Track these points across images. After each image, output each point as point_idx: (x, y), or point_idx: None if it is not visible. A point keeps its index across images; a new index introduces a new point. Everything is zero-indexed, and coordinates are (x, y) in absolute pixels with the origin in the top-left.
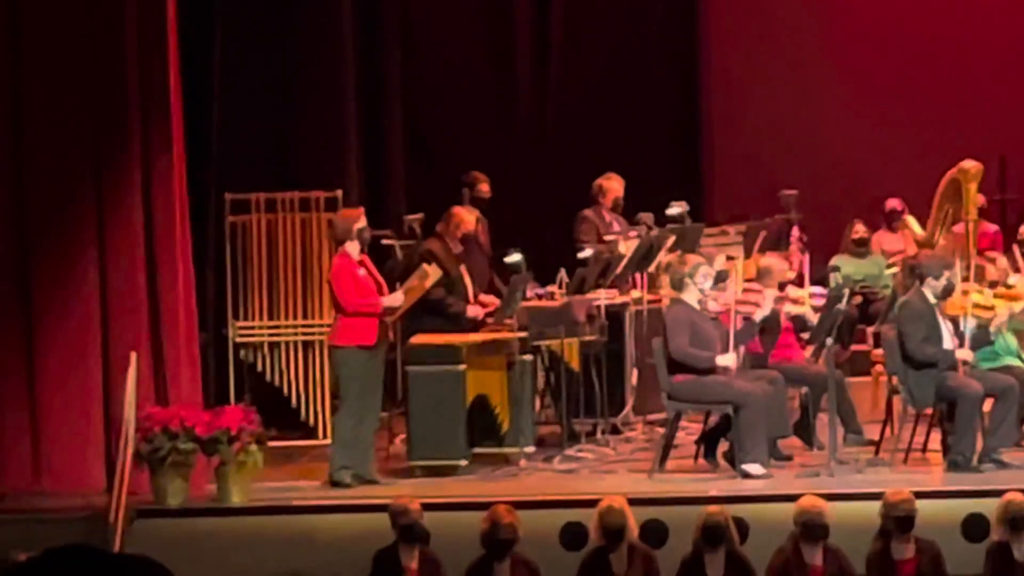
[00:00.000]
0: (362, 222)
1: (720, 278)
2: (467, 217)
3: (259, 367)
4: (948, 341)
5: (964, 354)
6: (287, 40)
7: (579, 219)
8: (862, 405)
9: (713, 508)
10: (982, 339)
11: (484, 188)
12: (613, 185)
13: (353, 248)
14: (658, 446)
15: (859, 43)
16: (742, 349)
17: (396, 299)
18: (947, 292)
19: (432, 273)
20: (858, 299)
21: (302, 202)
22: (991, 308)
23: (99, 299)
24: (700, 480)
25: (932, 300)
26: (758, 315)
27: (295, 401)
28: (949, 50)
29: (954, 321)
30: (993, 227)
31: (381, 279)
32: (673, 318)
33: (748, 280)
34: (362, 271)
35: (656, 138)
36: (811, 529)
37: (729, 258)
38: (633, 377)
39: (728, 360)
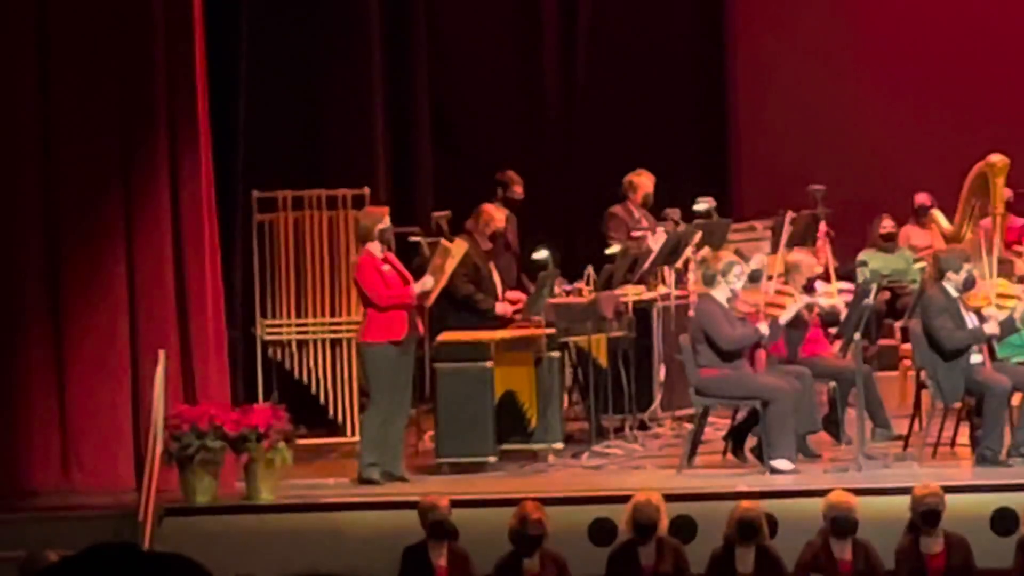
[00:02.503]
0: (385, 222)
1: (754, 277)
2: (497, 215)
3: (287, 365)
4: None
5: (991, 327)
6: (314, 37)
7: (607, 216)
8: (890, 400)
9: (748, 503)
10: (1009, 327)
11: (518, 189)
12: (643, 181)
13: (375, 248)
14: (686, 442)
15: (886, 37)
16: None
17: (426, 283)
18: (968, 285)
19: (456, 247)
20: (886, 294)
21: (329, 200)
22: (1015, 297)
23: (127, 297)
24: (729, 476)
25: (954, 294)
26: (783, 317)
27: (323, 399)
28: (977, 43)
29: (977, 312)
30: (1020, 220)
31: (408, 273)
32: (708, 312)
33: (771, 277)
34: (387, 267)
35: (683, 133)
36: (840, 524)
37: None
38: (661, 373)
39: (765, 328)
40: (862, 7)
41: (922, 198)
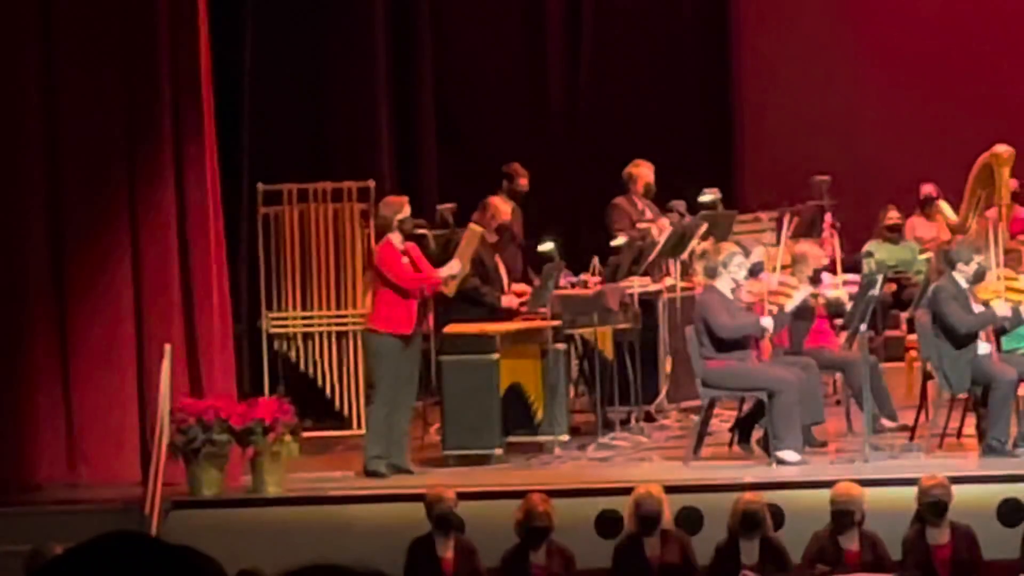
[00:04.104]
0: (405, 212)
1: (754, 271)
2: (503, 208)
3: (293, 358)
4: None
5: (1003, 309)
6: (319, 29)
7: (611, 207)
8: (896, 391)
9: (750, 495)
10: (1015, 320)
11: (523, 182)
12: (643, 171)
13: (396, 238)
14: (692, 433)
15: (891, 28)
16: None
17: (453, 267)
18: (978, 277)
19: (474, 231)
20: (892, 285)
21: (334, 192)
22: (1022, 291)
23: (133, 291)
24: (735, 467)
25: (964, 285)
26: (788, 306)
27: (329, 391)
28: (981, 34)
29: (986, 305)
30: None
31: (424, 268)
32: (710, 302)
33: (785, 267)
34: (405, 260)
35: (689, 125)
36: (846, 515)
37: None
38: (667, 364)
39: (768, 322)
40: None
41: (928, 189)
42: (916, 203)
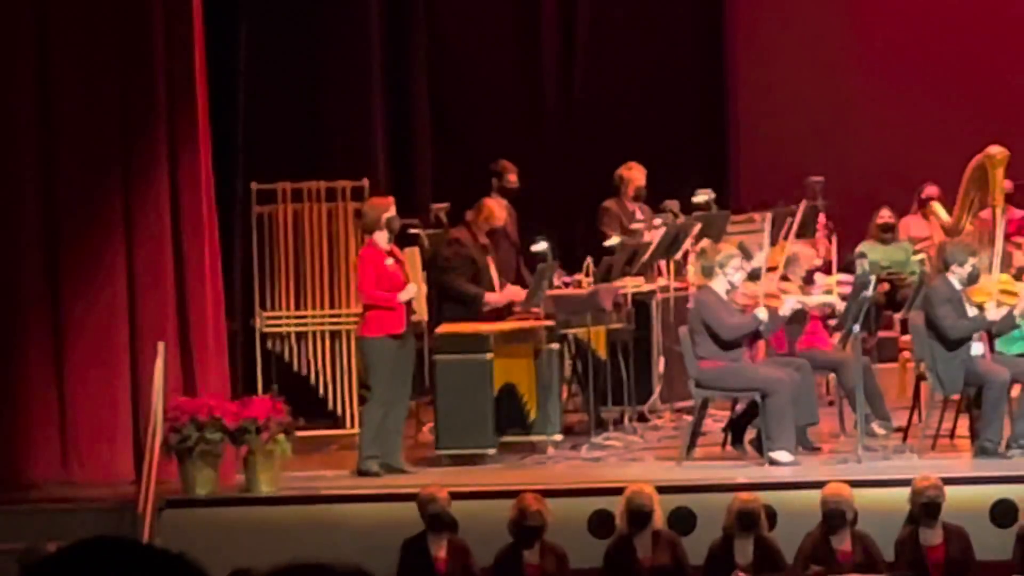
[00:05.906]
0: (391, 211)
1: (754, 275)
2: (497, 211)
3: (286, 357)
4: None
5: (994, 313)
6: (313, 29)
7: (601, 211)
8: (889, 392)
9: (747, 495)
10: (1008, 323)
11: (512, 179)
12: (634, 175)
13: (381, 238)
14: (685, 433)
15: (886, 28)
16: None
17: (410, 290)
18: (972, 279)
19: (412, 252)
20: (885, 286)
21: (328, 191)
22: (1016, 294)
23: (126, 289)
24: (728, 467)
25: (958, 287)
26: (783, 310)
27: (322, 391)
28: (976, 35)
29: (979, 308)
30: (1020, 212)
31: (408, 271)
32: (707, 303)
33: (773, 268)
34: (390, 261)
35: (682, 125)
36: (837, 516)
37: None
38: (660, 365)
39: (763, 314)
40: None
41: (931, 191)
42: (916, 201)
